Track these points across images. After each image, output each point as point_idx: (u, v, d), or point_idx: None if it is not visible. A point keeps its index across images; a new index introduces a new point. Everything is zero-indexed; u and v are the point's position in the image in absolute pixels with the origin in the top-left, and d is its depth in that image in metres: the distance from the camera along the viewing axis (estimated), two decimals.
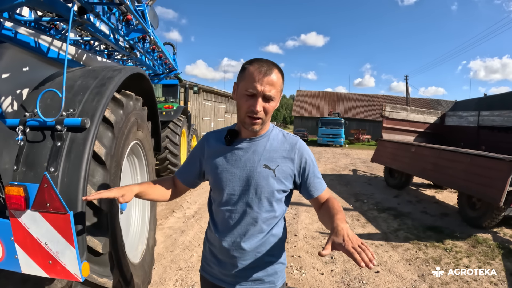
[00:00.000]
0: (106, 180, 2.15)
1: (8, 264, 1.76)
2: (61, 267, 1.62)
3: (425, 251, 4.52)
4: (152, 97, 3.63)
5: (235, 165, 1.39)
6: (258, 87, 1.26)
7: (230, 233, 1.41)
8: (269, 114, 1.33)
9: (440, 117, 9.55)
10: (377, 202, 7.26)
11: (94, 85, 2.18)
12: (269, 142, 1.42)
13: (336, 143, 26.18)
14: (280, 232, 1.48)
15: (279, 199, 1.42)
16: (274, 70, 1.30)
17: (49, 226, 1.57)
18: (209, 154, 1.47)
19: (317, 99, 42.41)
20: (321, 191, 1.45)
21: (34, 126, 1.89)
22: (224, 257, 1.44)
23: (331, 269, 3.96)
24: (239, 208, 1.40)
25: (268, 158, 1.38)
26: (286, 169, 1.39)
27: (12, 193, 1.57)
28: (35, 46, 2.62)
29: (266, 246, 1.42)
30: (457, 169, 5.73)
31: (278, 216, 1.44)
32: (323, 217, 1.40)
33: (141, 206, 3.45)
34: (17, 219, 1.61)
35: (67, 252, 1.59)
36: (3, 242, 1.73)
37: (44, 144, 1.85)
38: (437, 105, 39.65)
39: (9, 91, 2.52)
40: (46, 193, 1.52)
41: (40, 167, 1.79)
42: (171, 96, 9.33)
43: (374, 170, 12.21)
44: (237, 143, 1.42)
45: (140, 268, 2.88)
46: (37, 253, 1.64)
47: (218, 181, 1.42)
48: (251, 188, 1.37)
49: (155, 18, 4.56)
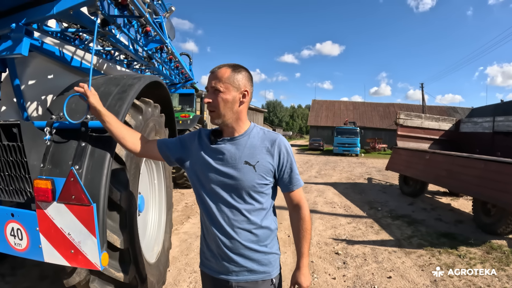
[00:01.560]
0: (125, 180, 2.30)
1: (32, 254, 1.89)
2: (82, 256, 1.75)
3: (438, 257, 4.50)
4: (169, 105, 3.80)
5: (218, 163, 1.49)
6: (208, 82, 1.48)
7: (220, 225, 1.48)
8: (221, 105, 1.45)
9: (455, 124, 9.47)
10: (391, 210, 7.22)
11: (116, 92, 2.35)
12: (250, 140, 1.51)
13: (351, 152, 26.05)
14: (270, 224, 1.55)
15: (262, 192, 1.49)
16: (222, 67, 1.47)
17: (73, 217, 1.71)
18: (197, 148, 1.57)
19: (333, 109, 42.33)
20: (296, 186, 1.56)
21: (60, 127, 2.05)
22: (218, 249, 1.50)
23: (343, 274, 3.99)
24: (224, 202, 1.48)
25: (248, 155, 1.47)
26: (266, 164, 1.48)
27: (40, 186, 1.72)
28: (59, 55, 2.81)
29: (258, 237, 1.49)
30: (471, 175, 5.69)
31: (265, 208, 1.52)
32: (293, 231, 1.60)
33: (158, 209, 3.59)
34: (43, 210, 1.76)
35: (89, 242, 1.72)
36: (28, 232, 1.88)
37: (69, 144, 2.01)
38: (454, 112, 39.02)
39: (34, 96, 2.72)
40: (72, 186, 1.67)
41: (65, 164, 1.95)
42: (187, 105, 9.57)
43: (389, 178, 12.11)
44: (220, 143, 1.52)
45: (155, 268, 3.00)
46: (60, 242, 1.78)
47: (201, 176, 1.53)
48: (234, 184, 1.46)
49: (171, 29, 4.75)
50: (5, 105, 2.54)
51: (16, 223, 1.89)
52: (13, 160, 1.91)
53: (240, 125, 1.52)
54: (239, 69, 1.49)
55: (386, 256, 4.55)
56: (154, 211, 3.55)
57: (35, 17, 1.88)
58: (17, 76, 2.47)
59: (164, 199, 3.61)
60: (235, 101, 1.47)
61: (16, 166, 1.91)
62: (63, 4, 1.83)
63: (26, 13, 1.87)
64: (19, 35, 1.84)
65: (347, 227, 5.98)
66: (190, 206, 7.05)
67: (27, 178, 1.91)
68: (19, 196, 1.98)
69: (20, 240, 1.91)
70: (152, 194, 3.52)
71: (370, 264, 4.26)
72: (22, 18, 1.87)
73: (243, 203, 1.47)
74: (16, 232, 1.90)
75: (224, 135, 1.54)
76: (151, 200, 3.51)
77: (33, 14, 1.87)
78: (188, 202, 7.36)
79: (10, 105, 2.57)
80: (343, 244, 5.02)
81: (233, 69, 1.47)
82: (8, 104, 2.56)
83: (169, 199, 3.72)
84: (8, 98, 2.52)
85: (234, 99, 1.46)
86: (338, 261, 4.38)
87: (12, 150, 1.89)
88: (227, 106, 1.45)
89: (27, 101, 2.63)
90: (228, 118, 1.48)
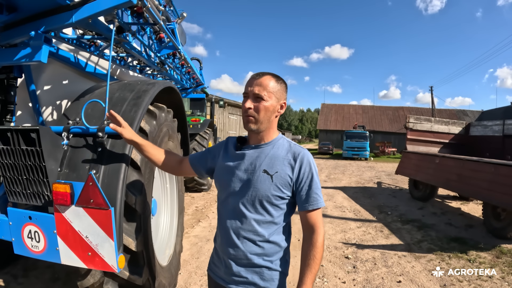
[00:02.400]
0: (140, 184, 2.34)
1: (49, 256, 1.95)
2: (100, 259, 1.80)
3: (448, 262, 4.47)
4: (181, 110, 3.86)
5: (238, 168, 1.48)
6: (249, 88, 1.45)
7: (227, 231, 1.47)
8: (262, 113, 1.44)
9: (465, 128, 9.39)
10: (401, 214, 7.18)
11: (131, 97, 2.40)
12: (273, 149, 1.49)
13: (361, 156, 25.95)
14: (280, 240, 1.48)
15: (277, 205, 1.44)
16: (266, 75, 1.47)
17: (91, 221, 1.76)
18: (222, 156, 1.59)
19: (342, 112, 42.20)
20: (312, 206, 1.44)
21: (78, 132, 2.12)
22: (223, 254, 1.50)
23: (353, 278, 3.98)
24: (237, 207, 1.46)
25: (268, 164, 1.45)
26: (284, 176, 1.43)
27: (59, 190, 1.77)
28: (74, 61, 2.88)
29: (263, 251, 1.44)
30: (481, 179, 5.64)
31: (277, 222, 1.45)
32: (301, 256, 1.46)
33: (170, 213, 3.64)
34: (61, 213, 1.81)
35: (106, 245, 1.77)
36: (45, 235, 1.93)
37: (86, 149, 2.07)
38: (463, 115, 38.66)
39: (49, 101, 2.79)
40: (90, 190, 1.72)
41: (82, 169, 2.00)
42: (198, 110, 9.66)
43: (399, 182, 12.03)
44: (244, 149, 1.52)
45: (167, 271, 3.04)
46: (78, 245, 1.83)
47: (221, 181, 1.54)
48: (249, 191, 1.43)
49: (182, 35, 4.83)
50: (20, 110, 2.61)
51: (34, 226, 1.95)
52: (31, 164, 1.96)
53: (269, 135, 1.51)
54: (281, 81, 1.50)
55: (396, 260, 4.53)
56: (166, 214, 3.60)
57: (54, 25, 1.94)
58: (33, 82, 2.54)
59: (176, 203, 3.66)
60: (274, 110, 1.47)
61: (34, 170, 1.96)
62: (82, 13, 1.89)
63: (45, 21, 1.93)
64: (39, 42, 1.90)
65: (357, 231, 5.97)
66: (200, 210, 7.09)
67: (45, 182, 1.96)
68: (36, 199, 2.04)
69: (38, 243, 1.96)
70: (164, 198, 3.56)
71: (380, 269, 4.25)
72: (41, 26, 1.92)
73: (254, 212, 1.43)
74: (34, 234, 1.96)
75: (250, 142, 1.55)
76: (163, 203, 3.56)
77: (52, 22, 1.93)
78: (198, 206, 7.40)
79: (26, 110, 2.64)
80: (353, 248, 5.01)
81: (276, 79, 1.48)
82: (24, 108, 2.63)
83: (180, 203, 3.76)
84: (24, 103, 2.59)
85: (274, 108, 1.47)
86: (348, 265, 4.37)
87: (30, 154, 1.94)
88: (267, 114, 1.45)
89: (42, 106, 2.70)
90: (264, 127, 1.47)
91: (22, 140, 1.96)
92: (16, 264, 3.86)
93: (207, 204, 7.60)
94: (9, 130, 1.97)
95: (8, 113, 2.32)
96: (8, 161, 2.02)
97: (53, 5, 1.91)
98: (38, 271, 3.79)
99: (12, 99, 2.33)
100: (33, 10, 1.93)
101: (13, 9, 1.89)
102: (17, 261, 3.88)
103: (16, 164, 2.00)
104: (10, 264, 3.82)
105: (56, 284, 3.52)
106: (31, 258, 2.04)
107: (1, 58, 2.04)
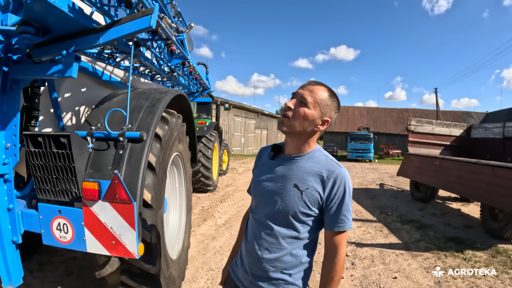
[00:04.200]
0: (155, 183, 2.62)
1: (75, 245, 2.22)
2: (122, 247, 2.08)
3: (444, 260, 4.67)
4: (190, 115, 4.14)
5: (271, 179, 1.45)
6: (299, 90, 1.40)
7: (252, 239, 1.47)
8: (298, 118, 1.36)
9: (466, 130, 9.54)
10: (401, 215, 7.38)
11: (146, 105, 2.68)
12: (308, 163, 1.41)
13: (365, 158, 26.01)
14: (302, 255, 1.43)
15: (304, 221, 1.39)
16: (322, 85, 1.41)
17: (116, 213, 2.03)
18: (257, 165, 1.58)
19: (347, 114, 42.20)
20: (338, 228, 1.38)
21: (100, 137, 2.40)
22: (245, 259, 1.50)
23: (351, 274, 4.21)
24: (263, 218, 1.44)
25: (300, 179, 1.39)
26: (314, 193, 1.37)
27: (88, 187, 2.06)
28: (92, 71, 3.15)
29: (283, 264, 1.40)
30: (479, 180, 5.81)
31: (302, 238, 1.41)
32: (321, 276, 1.44)
33: (179, 211, 3.91)
34: (89, 208, 2.09)
35: (129, 235, 2.05)
36: (73, 226, 2.21)
37: (108, 152, 2.36)
38: (468, 117, 38.45)
39: (69, 108, 3.06)
40: (116, 187, 2.00)
41: (105, 169, 2.28)
42: (204, 113, 9.97)
43: (401, 184, 12.20)
44: (279, 159, 1.48)
45: (176, 264, 3.29)
46: (103, 235, 2.11)
47: (254, 190, 1.53)
48: (277, 204, 1.39)
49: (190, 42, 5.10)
50: (43, 115, 2.86)
51: (63, 219, 2.23)
52: (61, 165, 2.23)
53: (305, 147, 1.44)
54: (334, 98, 1.41)
55: (393, 258, 4.75)
56: (175, 212, 3.87)
57: (83, 45, 2.21)
58: (55, 90, 2.81)
59: (184, 202, 3.92)
60: (313, 122, 1.38)
61: (64, 170, 2.23)
62: (109, 36, 2.16)
63: (75, 41, 2.19)
64: (70, 60, 2.16)
65: (357, 230, 6.18)
66: (206, 209, 7.34)
67: (73, 180, 2.22)
68: (64, 196, 2.30)
69: (66, 234, 2.23)
70: (173, 196, 3.83)
71: (377, 266, 4.47)
72: (71, 45, 2.18)
73: (280, 226, 1.40)
74: (62, 226, 2.23)
75: (285, 152, 1.49)
76: (173, 202, 3.82)
77: (82, 42, 2.20)
78: (204, 206, 7.65)
79: (47, 115, 2.90)
80: (352, 247, 5.23)
81: (330, 94, 1.40)
82: (46, 114, 2.88)
83: (189, 202, 4.02)
84: (46, 109, 2.84)
85: (314, 120, 1.37)
86: (347, 262, 4.59)
87: (61, 156, 2.21)
88: (304, 122, 1.36)
89: (62, 112, 2.97)
90: (296, 133, 1.39)
91: (53, 144, 2.22)
92: (32, 259, 4.11)
93: (213, 204, 7.85)
94: (41, 135, 2.23)
95: (33, 119, 2.55)
96: (39, 162, 2.27)
97: (82, 28, 2.17)
98: (52, 265, 4.05)
99: (36, 105, 2.56)
100: (64, 31, 2.19)
101: (47, 32, 2.15)
102: (32, 257, 4.14)
103: (47, 165, 2.26)
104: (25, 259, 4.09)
105: (70, 277, 3.77)
106: (45, 254, 2.29)
107: (35, 73, 2.29)
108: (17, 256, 2.39)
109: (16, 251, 2.38)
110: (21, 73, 2.30)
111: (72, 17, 1.98)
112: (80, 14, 2.07)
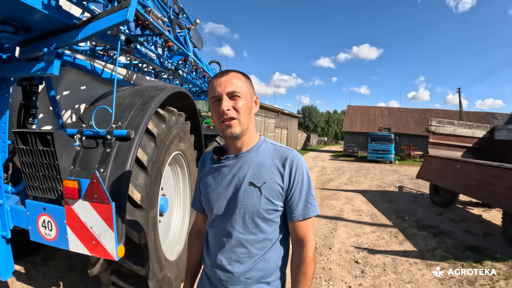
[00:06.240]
0: (147, 183, 2.54)
1: (59, 243, 2.20)
2: (102, 247, 2.02)
3: (460, 271, 4.40)
4: (194, 113, 4.05)
5: (221, 184, 1.33)
6: (219, 89, 1.25)
7: (217, 255, 1.32)
8: (243, 113, 1.26)
9: (489, 131, 9.08)
10: (419, 220, 7.09)
11: (139, 103, 2.62)
12: (257, 156, 1.31)
13: (386, 159, 25.49)
14: (276, 258, 1.33)
15: (270, 219, 1.28)
16: (231, 72, 1.29)
17: (95, 213, 1.97)
18: (203, 175, 1.42)
19: (368, 114, 41.54)
20: (303, 216, 1.28)
21: (89, 135, 2.36)
22: (214, 279, 1.35)
23: (359, 283, 4.01)
24: (224, 229, 1.30)
25: (254, 175, 1.28)
26: (274, 185, 1.26)
27: (68, 185, 2.01)
28: (90, 68, 3.13)
29: (257, 273, 1.29)
30: (501, 186, 5.48)
31: (271, 239, 1.30)
32: (290, 273, 1.33)
33: (182, 211, 3.83)
34: (70, 206, 2.05)
35: (107, 236, 1.98)
36: (57, 224, 2.18)
37: (96, 150, 2.31)
38: (492, 118, 37.10)
39: (68, 105, 3.05)
40: (95, 186, 1.93)
41: (92, 167, 2.24)
42: None
43: (421, 187, 11.81)
44: (224, 161, 1.35)
45: (175, 266, 3.21)
46: (84, 234, 2.06)
47: (206, 202, 1.38)
48: (236, 208, 1.28)
49: (199, 40, 5.03)
50: (42, 113, 2.86)
51: (47, 216, 2.21)
52: (46, 162, 2.20)
53: (250, 139, 1.34)
54: (246, 76, 1.34)
55: (406, 267, 4.51)
56: (178, 212, 3.79)
57: (64, 42, 2.17)
58: (53, 88, 2.80)
59: (188, 202, 3.84)
60: (251, 107, 1.31)
61: (49, 168, 2.21)
62: (86, 32, 2.12)
63: (55, 39, 2.16)
64: (51, 57, 2.13)
65: (371, 235, 5.96)
66: None
67: (58, 178, 2.20)
68: (51, 193, 2.28)
69: (50, 231, 2.22)
70: (177, 196, 3.76)
71: (388, 275, 4.25)
72: (52, 43, 2.16)
73: (245, 233, 1.27)
74: (47, 224, 2.22)
75: (229, 152, 1.37)
76: (176, 202, 3.75)
77: (62, 39, 2.16)
78: None
79: (47, 113, 2.90)
80: (364, 253, 5.03)
81: (243, 74, 1.32)
82: (45, 112, 2.88)
83: None
84: (44, 107, 2.84)
85: (251, 106, 1.31)
86: (357, 269, 4.40)
87: (46, 154, 2.19)
88: (247, 113, 1.27)
89: (61, 110, 2.96)
90: (247, 128, 1.29)
91: (39, 141, 2.20)
92: (37, 254, 4.17)
93: None
94: (28, 132, 2.23)
95: (30, 117, 2.56)
96: (27, 159, 2.27)
97: (62, 25, 2.14)
98: (57, 260, 4.08)
99: (34, 104, 2.57)
100: (45, 29, 2.17)
101: (28, 30, 2.15)
102: (37, 252, 4.20)
103: (34, 162, 2.25)
104: (31, 254, 4.14)
105: (72, 273, 3.79)
106: (51, 249, 2.28)
107: (21, 71, 2.30)
108: (7, 250, 2.41)
109: (6, 246, 2.41)
110: (8, 71, 2.32)
111: (47, 14, 1.95)
112: (57, 11, 2.04)
